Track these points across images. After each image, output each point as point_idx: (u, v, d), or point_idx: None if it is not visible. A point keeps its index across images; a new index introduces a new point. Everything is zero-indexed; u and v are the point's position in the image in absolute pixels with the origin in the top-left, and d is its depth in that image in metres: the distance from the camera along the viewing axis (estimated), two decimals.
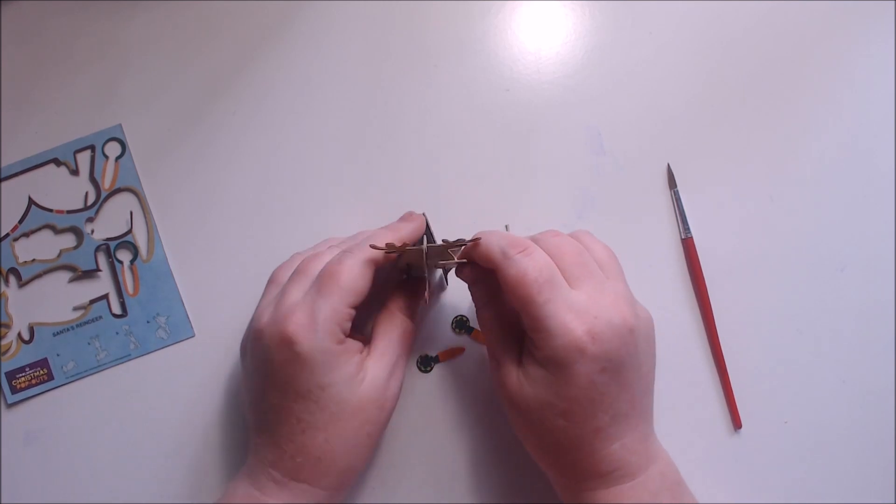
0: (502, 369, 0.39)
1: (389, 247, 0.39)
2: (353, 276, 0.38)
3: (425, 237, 0.44)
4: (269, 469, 0.38)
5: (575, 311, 0.36)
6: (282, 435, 0.38)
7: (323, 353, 0.37)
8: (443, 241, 0.41)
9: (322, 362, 0.37)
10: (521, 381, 0.37)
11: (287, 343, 0.37)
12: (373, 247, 0.39)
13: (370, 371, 0.39)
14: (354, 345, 0.39)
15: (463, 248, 0.39)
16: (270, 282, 0.42)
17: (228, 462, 0.45)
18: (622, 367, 0.36)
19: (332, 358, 0.37)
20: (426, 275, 0.43)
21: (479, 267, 0.39)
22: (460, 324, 0.46)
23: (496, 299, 0.41)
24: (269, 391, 0.38)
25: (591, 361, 0.35)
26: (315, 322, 0.37)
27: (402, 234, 0.42)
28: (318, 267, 0.40)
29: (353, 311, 0.38)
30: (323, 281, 0.38)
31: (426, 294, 0.42)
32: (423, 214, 0.44)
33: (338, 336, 0.37)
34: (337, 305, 0.37)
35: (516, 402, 0.38)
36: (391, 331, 0.41)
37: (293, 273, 0.40)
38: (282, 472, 0.38)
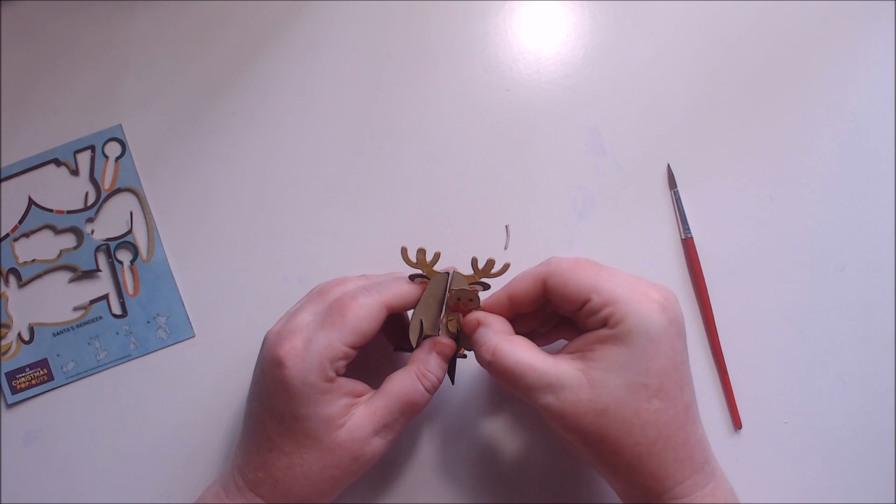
0: (563, 391, 0.34)
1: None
2: (361, 316, 0.37)
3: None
4: (236, 472, 0.38)
5: (636, 280, 0.36)
6: (252, 444, 0.38)
7: (306, 385, 0.36)
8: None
9: (303, 393, 0.36)
10: (597, 381, 0.34)
11: (277, 363, 0.36)
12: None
13: (354, 420, 0.37)
14: (347, 386, 0.37)
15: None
16: (311, 291, 0.41)
17: (227, 462, 0.45)
18: (685, 333, 0.36)
19: (314, 393, 0.36)
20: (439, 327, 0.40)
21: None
22: None
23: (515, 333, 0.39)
24: (255, 399, 0.39)
25: (670, 325, 0.34)
26: (307, 352, 0.36)
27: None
28: (336, 294, 0.39)
29: (352, 352, 0.37)
30: (330, 313, 0.37)
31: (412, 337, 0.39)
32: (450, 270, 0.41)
33: (326, 373, 0.36)
34: (334, 342, 0.36)
35: (597, 410, 0.34)
36: (396, 392, 0.38)
37: (315, 292, 0.40)
38: (244, 479, 0.38)
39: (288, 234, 0.48)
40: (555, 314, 0.40)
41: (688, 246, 0.46)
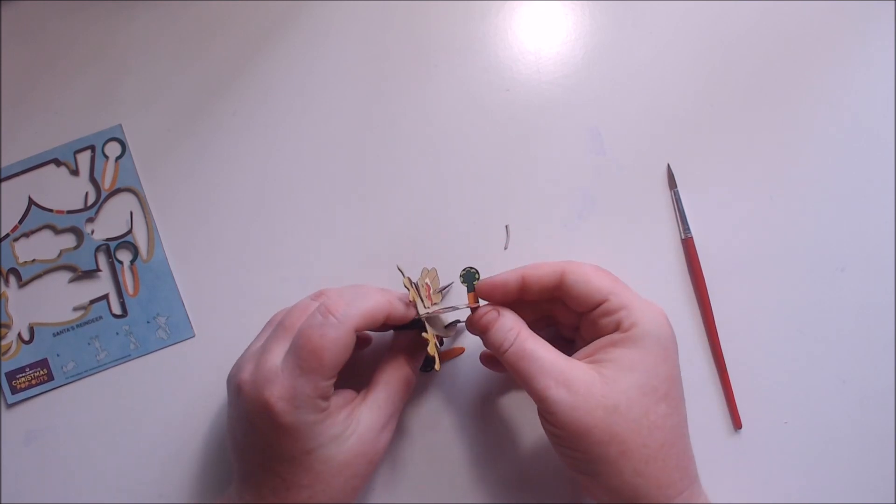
0: (576, 383, 0.35)
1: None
2: (337, 352, 0.36)
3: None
4: None
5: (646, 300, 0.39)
6: (265, 489, 0.37)
7: (306, 426, 0.36)
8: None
9: (307, 433, 0.36)
10: (610, 379, 0.35)
11: (268, 413, 0.36)
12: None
13: (363, 422, 0.38)
14: (339, 400, 0.38)
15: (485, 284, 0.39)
16: (268, 323, 0.41)
17: (228, 462, 0.45)
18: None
19: (316, 426, 0.36)
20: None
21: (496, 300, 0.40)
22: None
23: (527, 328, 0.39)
24: (252, 451, 0.38)
25: (674, 338, 0.38)
26: (296, 399, 0.35)
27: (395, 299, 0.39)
28: (301, 325, 0.37)
29: (335, 378, 0.37)
30: (304, 356, 0.36)
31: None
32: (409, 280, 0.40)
33: (320, 406, 0.36)
34: (318, 382, 0.36)
35: (608, 407, 0.34)
36: (395, 382, 0.40)
37: (277, 327, 0.39)
38: None
39: (288, 234, 0.48)
40: (544, 317, 0.41)
41: (688, 246, 0.46)
